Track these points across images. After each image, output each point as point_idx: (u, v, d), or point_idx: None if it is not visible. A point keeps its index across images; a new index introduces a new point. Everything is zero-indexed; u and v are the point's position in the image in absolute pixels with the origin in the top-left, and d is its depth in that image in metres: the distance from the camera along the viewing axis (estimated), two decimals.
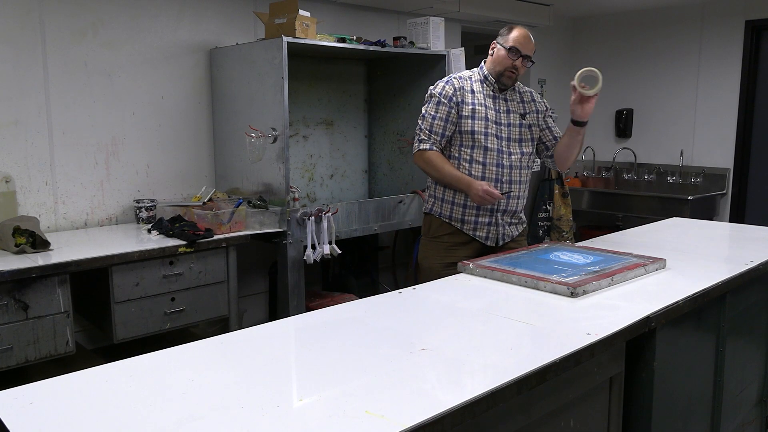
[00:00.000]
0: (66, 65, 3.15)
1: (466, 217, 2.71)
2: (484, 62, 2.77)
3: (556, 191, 5.19)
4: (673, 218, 3.42)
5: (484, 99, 2.70)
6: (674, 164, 5.56)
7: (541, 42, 5.98)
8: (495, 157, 2.67)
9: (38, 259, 2.53)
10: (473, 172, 2.66)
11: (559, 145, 2.81)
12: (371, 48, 3.66)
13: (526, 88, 2.87)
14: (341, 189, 4.38)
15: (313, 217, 3.25)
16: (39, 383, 1.35)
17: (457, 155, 2.68)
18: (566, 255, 2.37)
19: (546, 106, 2.87)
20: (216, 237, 2.98)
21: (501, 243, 2.75)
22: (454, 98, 2.66)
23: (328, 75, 4.18)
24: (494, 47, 2.70)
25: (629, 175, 5.82)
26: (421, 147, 2.69)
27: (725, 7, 5.19)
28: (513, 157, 2.70)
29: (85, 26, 3.19)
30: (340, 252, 3.35)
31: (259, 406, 1.24)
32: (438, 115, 2.66)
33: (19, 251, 2.61)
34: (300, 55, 3.83)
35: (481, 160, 2.66)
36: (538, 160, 2.97)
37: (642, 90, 5.73)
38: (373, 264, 4.45)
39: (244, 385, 1.35)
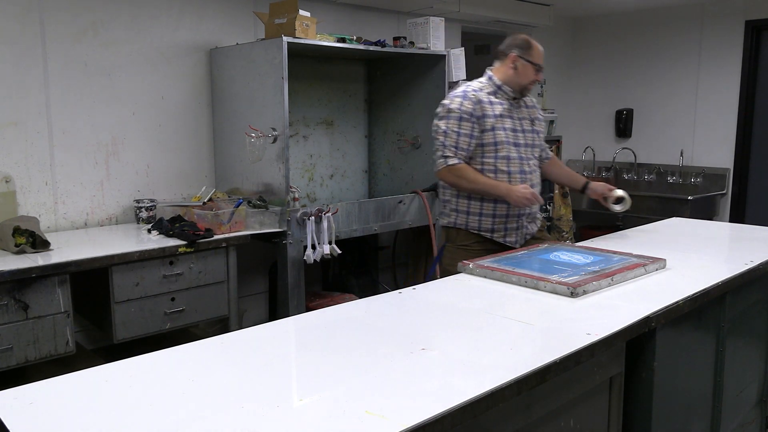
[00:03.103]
0: (66, 65, 3.15)
1: (495, 227, 2.75)
2: (491, 71, 2.80)
3: (556, 191, 5.19)
4: (673, 218, 3.42)
5: (503, 110, 2.75)
6: (674, 164, 5.56)
7: (541, 42, 5.96)
8: (518, 165, 2.74)
9: (38, 259, 2.53)
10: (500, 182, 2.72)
11: (553, 174, 3.05)
12: (371, 48, 3.66)
13: (528, 95, 2.93)
14: (341, 189, 4.38)
15: (313, 217, 3.25)
16: (39, 383, 1.35)
17: (479, 167, 2.71)
18: (566, 255, 2.37)
19: (542, 114, 2.98)
20: (216, 237, 2.98)
21: (524, 242, 2.83)
22: (475, 113, 2.68)
23: (328, 75, 4.18)
24: (517, 61, 2.74)
25: (629, 175, 5.82)
26: (449, 163, 2.68)
27: (725, 7, 5.19)
28: (531, 162, 2.80)
29: (85, 26, 3.19)
30: (340, 252, 3.35)
31: (259, 406, 1.24)
32: (463, 131, 2.67)
33: (19, 251, 2.61)
34: (300, 55, 3.82)
35: (505, 169, 2.71)
36: None
37: (642, 90, 5.73)
38: (373, 264, 4.45)
39: (244, 385, 1.35)
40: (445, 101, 2.74)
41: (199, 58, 3.60)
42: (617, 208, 2.91)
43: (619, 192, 2.88)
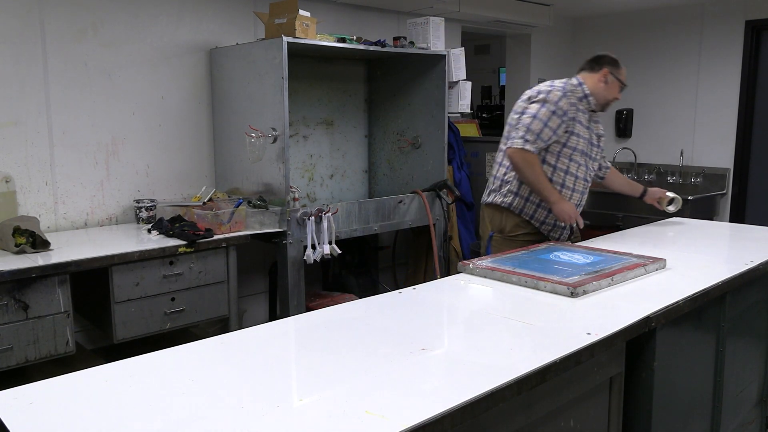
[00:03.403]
0: (66, 65, 3.15)
1: (547, 219, 2.87)
2: (582, 79, 2.86)
3: None
4: (673, 218, 3.42)
5: (585, 119, 2.88)
6: (674, 164, 5.56)
7: (541, 42, 6.01)
8: (584, 173, 2.89)
9: (38, 259, 2.53)
10: (566, 182, 2.85)
11: (615, 183, 3.20)
12: (371, 48, 3.66)
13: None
14: (341, 189, 4.38)
15: (313, 217, 3.25)
16: (39, 383, 1.35)
17: (554, 163, 2.83)
18: (566, 255, 2.37)
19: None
20: (216, 237, 2.98)
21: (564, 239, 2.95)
22: (569, 114, 2.78)
23: (328, 75, 4.18)
24: (608, 76, 2.84)
25: (629, 175, 5.81)
26: (526, 147, 2.74)
27: (725, 7, 5.19)
28: (591, 174, 2.98)
29: (85, 26, 3.19)
30: (340, 252, 3.35)
31: (259, 406, 1.24)
32: (549, 125, 2.75)
33: (19, 251, 2.61)
34: (300, 55, 3.82)
35: (574, 173, 2.85)
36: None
37: (642, 90, 5.73)
38: (373, 264, 4.45)
39: (244, 386, 1.35)
40: (544, 87, 2.82)
41: (199, 58, 3.60)
42: (671, 208, 3.14)
43: (671, 194, 3.12)
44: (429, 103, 4.03)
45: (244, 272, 3.60)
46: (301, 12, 3.25)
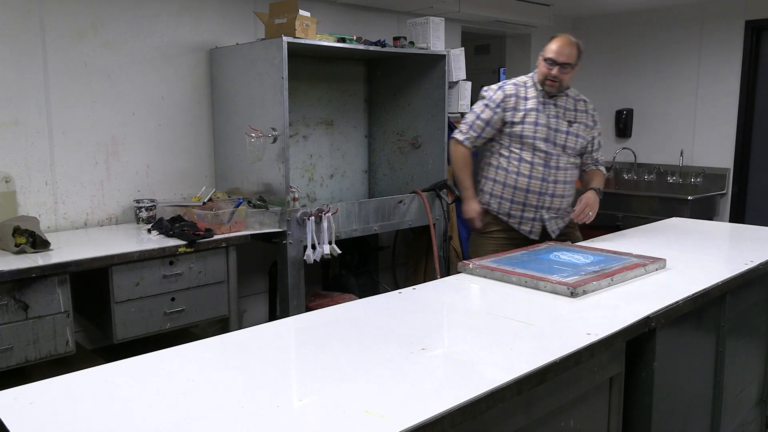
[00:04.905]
0: (66, 65, 3.15)
1: (512, 212, 2.95)
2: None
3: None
4: (673, 218, 3.43)
5: (537, 104, 2.90)
6: (674, 164, 5.56)
7: (542, 42, 5.97)
8: (542, 158, 2.88)
9: (38, 259, 2.53)
10: (521, 170, 2.89)
11: (582, 181, 3.13)
12: (371, 48, 3.66)
13: (583, 97, 3.04)
14: (341, 189, 4.38)
15: (313, 217, 3.25)
16: (39, 383, 1.35)
17: (507, 154, 2.91)
18: (566, 255, 2.37)
19: (594, 121, 3.07)
20: (216, 237, 2.98)
21: (553, 237, 2.95)
22: (502, 104, 2.90)
23: (328, 75, 4.18)
24: (539, 58, 2.91)
25: (629, 175, 5.82)
26: (457, 137, 3.00)
27: (725, 7, 5.19)
28: (560, 159, 2.91)
29: (85, 26, 3.19)
30: (340, 252, 3.35)
31: (259, 406, 1.24)
32: (482, 116, 2.93)
33: (19, 251, 2.61)
34: (300, 55, 3.82)
35: (529, 159, 2.88)
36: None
37: (642, 90, 5.73)
38: (373, 264, 4.44)
39: (244, 385, 1.35)
40: (486, 86, 2.99)
41: (199, 58, 3.60)
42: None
43: (592, 214, 2.96)
44: (429, 103, 4.03)
45: (244, 272, 3.60)
46: (301, 12, 3.25)
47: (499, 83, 3.00)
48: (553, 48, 2.85)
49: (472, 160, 3.08)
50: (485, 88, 3.00)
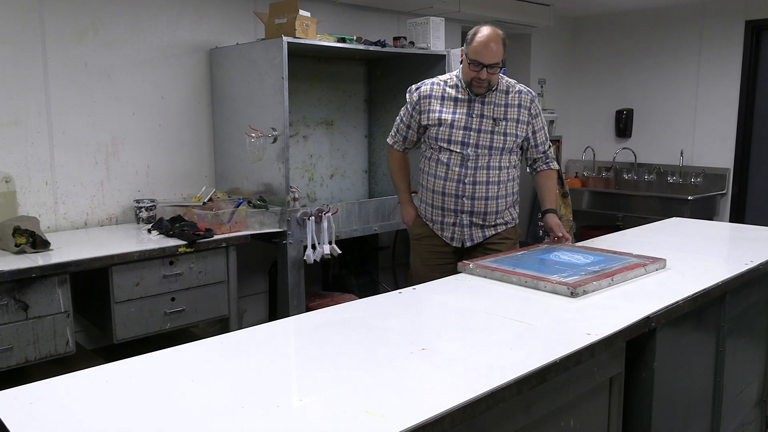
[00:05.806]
0: (66, 65, 3.15)
1: (434, 217, 2.79)
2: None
3: (556, 191, 5.18)
4: (673, 218, 3.42)
5: (456, 104, 2.67)
6: (674, 164, 5.56)
7: (542, 42, 6.00)
8: (459, 160, 2.65)
9: (38, 259, 2.53)
10: (438, 172, 2.71)
11: (536, 185, 2.95)
12: (371, 48, 3.66)
13: (520, 88, 2.72)
14: (341, 189, 4.38)
15: (313, 217, 3.25)
16: (39, 383, 1.35)
17: (429, 155, 2.78)
18: (566, 255, 2.37)
19: (532, 114, 2.71)
20: (216, 237, 2.98)
21: (468, 245, 2.73)
22: (417, 107, 2.75)
23: (328, 75, 4.18)
24: (463, 55, 2.61)
25: (629, 175, 5.82)
26: (388, 140, 2.95)
27: (725, 7, 5.19)
28: (480, 159, 2.64)
29: (85, 26, 3.19)
30: (340, 252, 3.35)
31: (259, 406, 1.24)
32: (404, 119, 2.85)
33: (19, 251, 2.61)
34: (300, 55, 3.82)
35: (444, 161, 2.69)
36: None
37: (642, 90, 5.73)
38: (373, 264, 4.44)
39: (244, 385, 1.35)
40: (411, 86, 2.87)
41: (199, 58, 3.60)
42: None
43: (561, 235, 2.70)
44: None
45: (244, 272, 3.60)
46: (301, 12, 3.25)
47: (419, 83, 2.77)
48: (477, 48, 2.50)
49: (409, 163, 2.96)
50: (409, 88, 2.82)
